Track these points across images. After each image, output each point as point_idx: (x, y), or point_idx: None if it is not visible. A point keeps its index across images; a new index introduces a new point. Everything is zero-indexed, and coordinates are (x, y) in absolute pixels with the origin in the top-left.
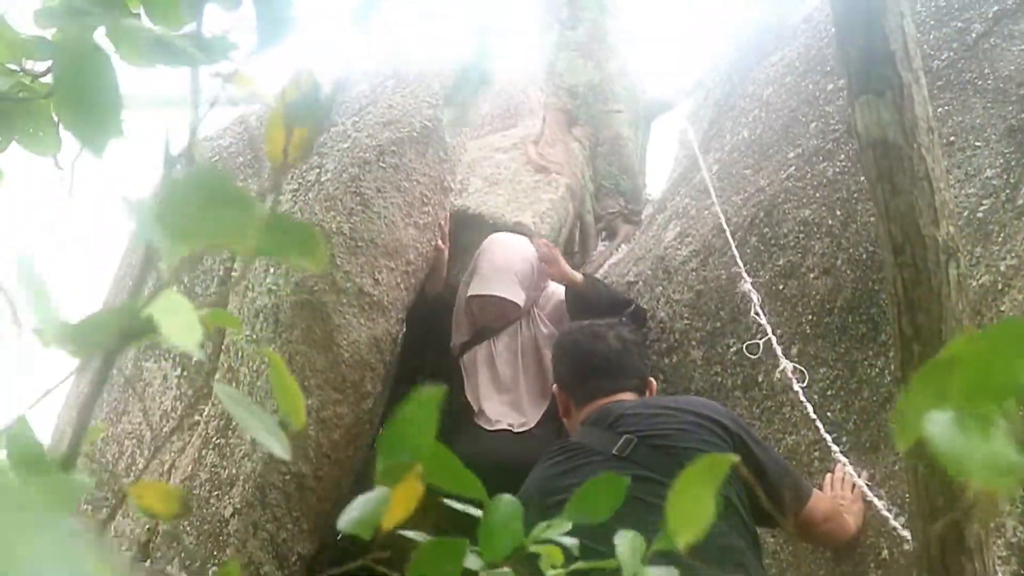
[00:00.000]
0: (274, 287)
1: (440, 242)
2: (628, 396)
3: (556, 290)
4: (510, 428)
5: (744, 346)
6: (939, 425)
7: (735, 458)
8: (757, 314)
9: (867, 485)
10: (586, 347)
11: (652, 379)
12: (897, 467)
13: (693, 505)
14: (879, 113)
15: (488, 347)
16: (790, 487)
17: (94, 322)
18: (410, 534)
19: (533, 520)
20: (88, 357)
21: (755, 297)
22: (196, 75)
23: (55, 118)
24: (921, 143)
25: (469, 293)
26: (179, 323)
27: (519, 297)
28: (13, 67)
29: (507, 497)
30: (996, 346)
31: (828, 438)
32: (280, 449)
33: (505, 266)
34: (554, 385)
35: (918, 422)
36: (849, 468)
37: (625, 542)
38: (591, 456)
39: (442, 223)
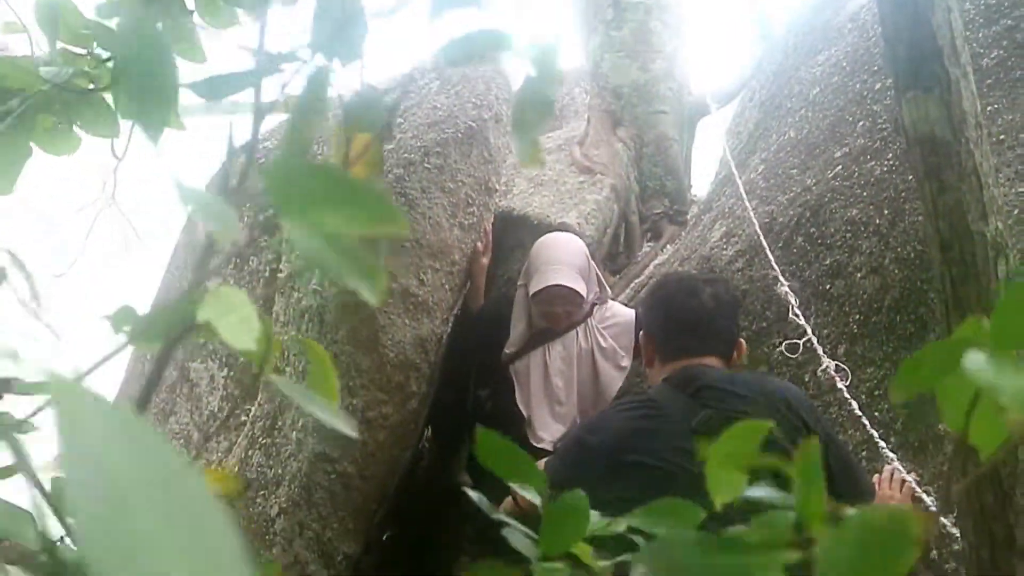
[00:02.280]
0: (320, 287)
1: (481, 249)
2: (714, 361)
3: (618, 310)
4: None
5: (784, 345)
6: (977, 362)
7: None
8: (796, 315)
9: (915, 484)
10: (679, 303)
11: (742, 340)
12: (945, 467)
13: (729, 466)
14: (927, 109)
15: (543, 355)
16: (855, 491)
17: (159, 315)
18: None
19: (601, 472)
20: (144, 348)
21: (793, 299)
22: (259, 86)
23: (113, 107)
24: (969, 138)
25: (532, 291)
26: (235, 321)
27: (581, 287)
28: (79, 51)
29: (575, 492)
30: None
31: (875, 434)
32: (345, 426)
33: (563, 259)
34: (641, 333)
35: (916, 380)
36: (898, 465)
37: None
38: (670, 422)
39: (487, 229)
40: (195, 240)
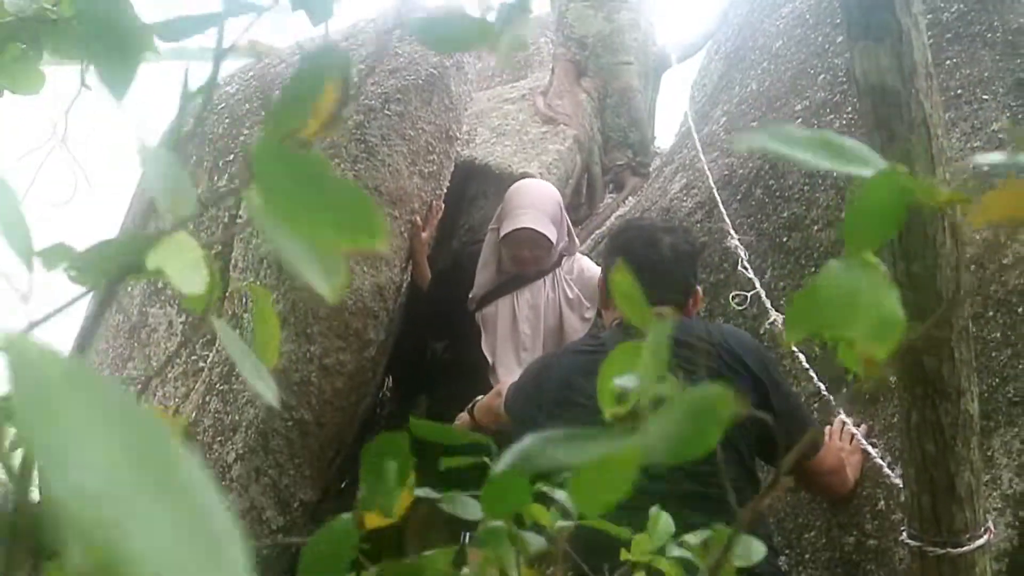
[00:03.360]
0: None
1: (421, 226)
2: (667, 310)
3: (586, 264)
4: None
5: (731, 297)
6: (833, 274)
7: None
8: (745, 268)
9: (865, 437)
10: (637, 251)
11: (699, 289)
12: (895, 419)
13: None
14: (877, 59)
15: (511, 302)
16: (799, 435)
17: (99, 251)
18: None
19: (550, 407)
20: (93, 288)
21: (742, 252)
22: (222, 27)
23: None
24: (919, 89)
25: (503, 232)
26: (184, 265)
27: (552, 233)
28: None
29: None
30: (871, 199)
31: (822, 387)
32: (268, 393)
33: (535, 204)
34: (600, 277)
35: (809, 316)
36: (844, 417)
37: None
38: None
39: (433, 209)
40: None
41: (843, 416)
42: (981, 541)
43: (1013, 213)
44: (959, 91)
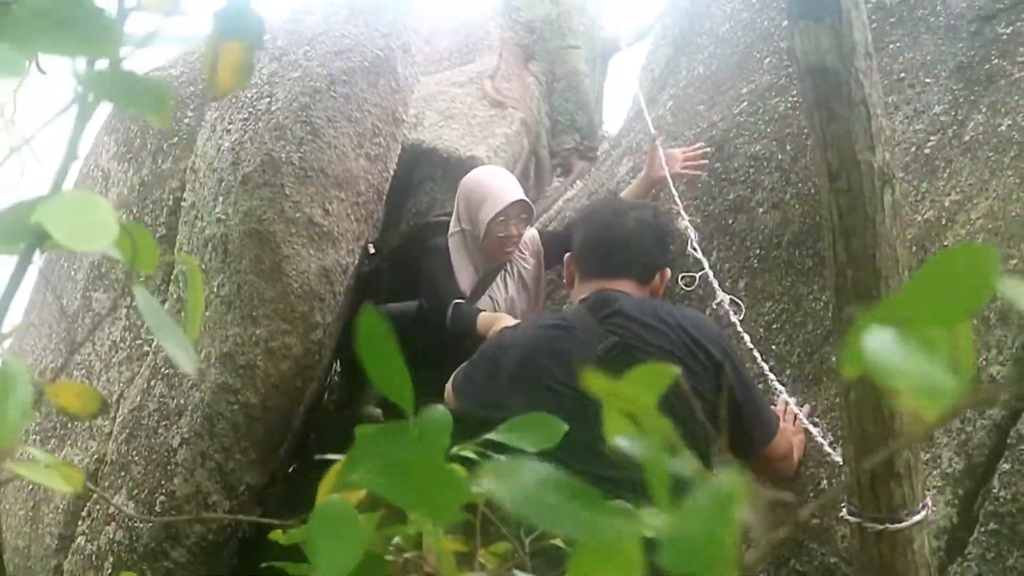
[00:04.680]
0: (223, 216)
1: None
2: (629, 285)
3: (529, 234)
4: None
5: (679, 278)
6: (880, 339)
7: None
8: (694, 249)
9: (808, 417)
10: (601, 222)
11: (667, 269)
12: (838, 399)
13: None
14: (818, 39)
15: (490, 297)
16: (759, 425)
17: (9, 216)
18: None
19: (506, 385)
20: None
21: (692, 233)
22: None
23: None
24: (859, 68)
25: (485, 219)
26: (85, 223)
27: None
28: None
29: (438, 410)
30: (950, 269)
31: (766, 368)
32: (188, 364)
33: (503, 182)
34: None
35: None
36: (787, 397)
37: None
38: (577, 345)
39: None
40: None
41: (786, 396)
42: (919, 517)
43: None
44: (902, 74)
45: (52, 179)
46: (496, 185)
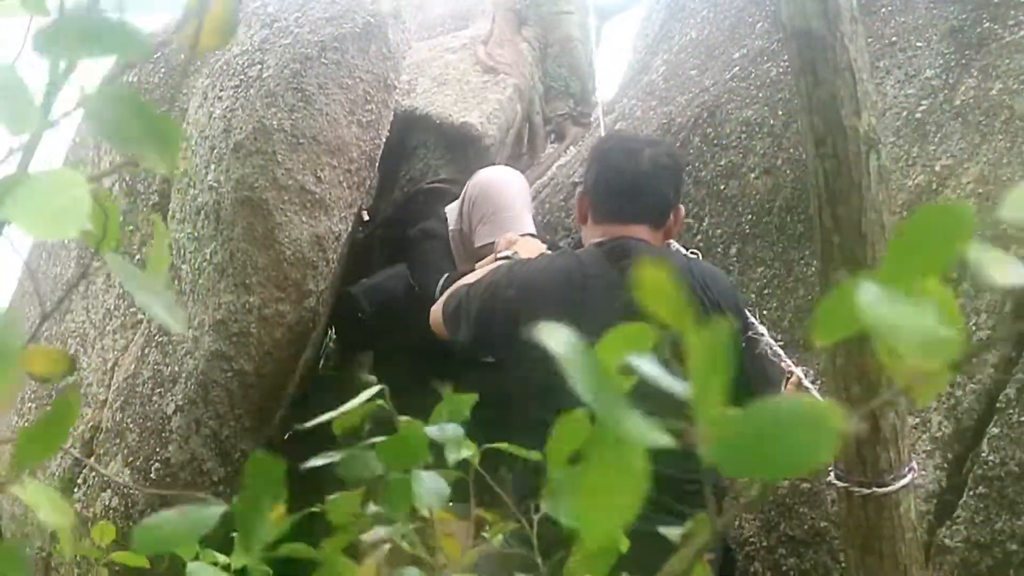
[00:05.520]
0: (215, 184)
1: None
2: (645, 230)
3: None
4: None
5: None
6: (871, 296)
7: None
8: (776, 355)
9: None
10: (615, 162)
11: (680, 207)
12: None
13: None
14: (803, 3)
15: None
16: (766, 373)
17: None
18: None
19: (509, 328)
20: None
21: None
22: None
23: None
24: (844, 33)
25: (482, 242)
26: (56, 207)
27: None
28: None
29: (415, 425)
30: (927, 228)
31: (763, 331)
32: (174, 323)
33: (516, 196)
34: (579, 189)
35: (842, 318)
36: (788, 361)
37: None
38: (594, 297)
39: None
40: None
41: (785, 358)
42: (905, 480)
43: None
44: (894, 38)
45: (19, 157)
46: (506, 207)
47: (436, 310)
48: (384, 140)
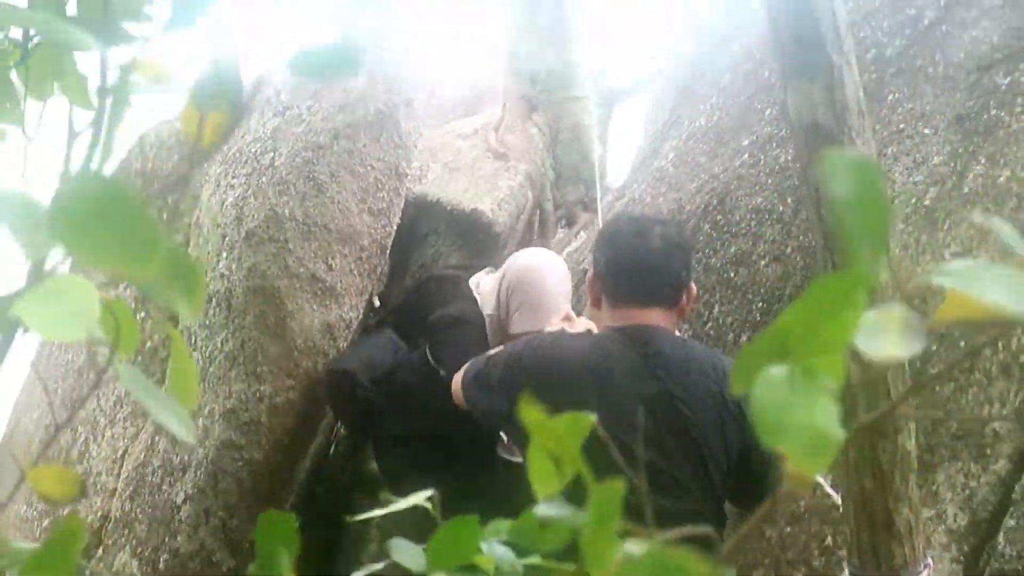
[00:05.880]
0: (226, 272)
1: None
2: (661, 312)
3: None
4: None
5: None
6: (770, 382)
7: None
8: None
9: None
10: (627, 242)
11: (692, 286)
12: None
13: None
14: (810, 97)
15: None
16: (773, 472)
17: None
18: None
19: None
20: None
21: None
22: (104, 61)
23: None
24: (852, 126)
25: (518, 330)
26: (65, 311)
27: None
28: None
29: (467, 518)
30: (826, 300)
31: None
32: (183, 431)
33: (557, 286)
34: (589, 272)
35: (754, 372)
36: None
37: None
38: (618, 384)
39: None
40: None
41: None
42: None
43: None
44: (902, 126)
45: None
46: (545, 293)
47: (456, 379)
48: (395, 227)
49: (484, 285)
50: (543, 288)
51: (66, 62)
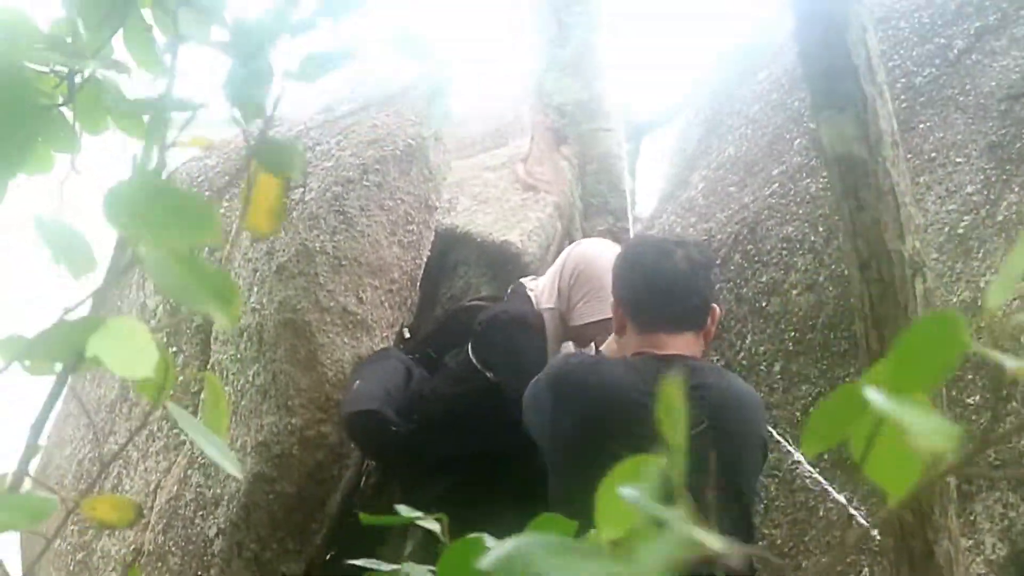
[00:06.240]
0: (258, 306)
1: None
2: (691, 337)
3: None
4: None
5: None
6: (880, 397)
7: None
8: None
9: (848, 502)
10: (650, 266)
11: (715, 307)
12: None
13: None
14: (843, 128)
15: None
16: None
17: (48, 338)
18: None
19: (570, 434)
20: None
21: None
22: (163, 135)
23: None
24: (886, 157)
25: (584, 320)
26: (129, 351)
27: None
28: (41, 68)
29: (475, 538)
30: (923, 338)
31: (799, 456)
32: (232, 467)
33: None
34: (611, 300)
35: (832, 433)
36: (827, 487)
37: None
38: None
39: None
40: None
41: (824, 483)
42: None
43: None
44: (933, 154)
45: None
46: (606, 286)
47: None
48: (425, 260)
49: (540, 281)
50: (599, 281)
51: (117, 96)
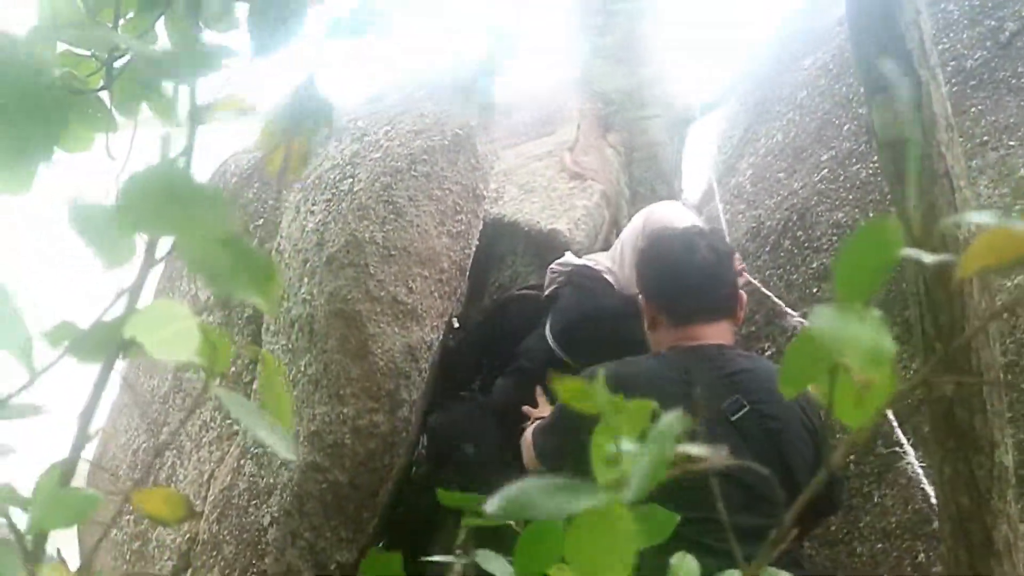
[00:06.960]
0: (308, 297)
1: None
2: (726, 325)
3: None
4: None
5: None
6: (821, 316)
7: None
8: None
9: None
10: (677, 258)
11: (742, 293)
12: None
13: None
14: (895, 112)
15: None
16: (841, 490)
17: (98, 330)
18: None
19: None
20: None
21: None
22: (193, 91)
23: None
24: (940, 141)
25: None
26: (169, 334)
27: None
28: (82, 52)
29: (549, 523)
30: (862, 246)
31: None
32: (285, 450)
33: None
34: (640, 295)
35: (804, 374)
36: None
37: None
38: (708, 413)
39: None
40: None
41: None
42: None
43: (1000, 258)
44: (985, 138)
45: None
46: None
47: (528, 441)
48: (474, 249)
49: (612, 250)
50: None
51: (153, 82)
